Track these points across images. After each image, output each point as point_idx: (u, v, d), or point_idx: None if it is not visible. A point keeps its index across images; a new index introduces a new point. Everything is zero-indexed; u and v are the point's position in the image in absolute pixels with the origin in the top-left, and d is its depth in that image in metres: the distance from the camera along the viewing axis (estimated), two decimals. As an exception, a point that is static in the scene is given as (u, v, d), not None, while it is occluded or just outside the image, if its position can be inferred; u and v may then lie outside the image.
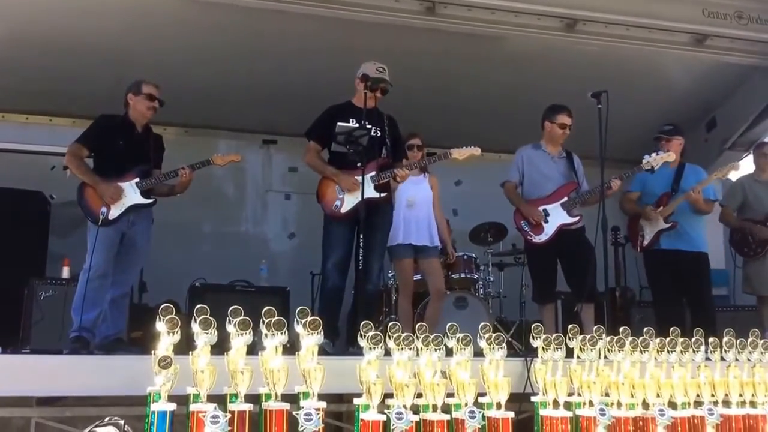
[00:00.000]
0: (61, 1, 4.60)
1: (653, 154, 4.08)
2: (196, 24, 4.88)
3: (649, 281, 4.56)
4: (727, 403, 2.77)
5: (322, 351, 3.12)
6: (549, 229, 4.08)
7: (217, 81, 5.35)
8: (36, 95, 5.47)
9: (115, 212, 3.64)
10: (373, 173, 3.72)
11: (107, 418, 2.22)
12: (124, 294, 3.78)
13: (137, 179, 3.71)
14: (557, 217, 4.09)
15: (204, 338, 2.23)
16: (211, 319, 2.25)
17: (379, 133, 3.78)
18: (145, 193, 3.72)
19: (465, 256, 5.11)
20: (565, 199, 4.12)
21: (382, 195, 3.74)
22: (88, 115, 3.99)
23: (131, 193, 3.69)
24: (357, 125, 3.67)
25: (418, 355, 2.46)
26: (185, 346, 2.30)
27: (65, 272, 4.61)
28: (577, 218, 4.10)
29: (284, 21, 4.82)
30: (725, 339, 2.92)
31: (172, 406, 2.10)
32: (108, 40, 4.92)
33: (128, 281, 3.83)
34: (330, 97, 3.98)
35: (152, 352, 2.16)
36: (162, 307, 2.27)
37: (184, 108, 5.28)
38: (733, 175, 4.74)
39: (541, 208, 4.11)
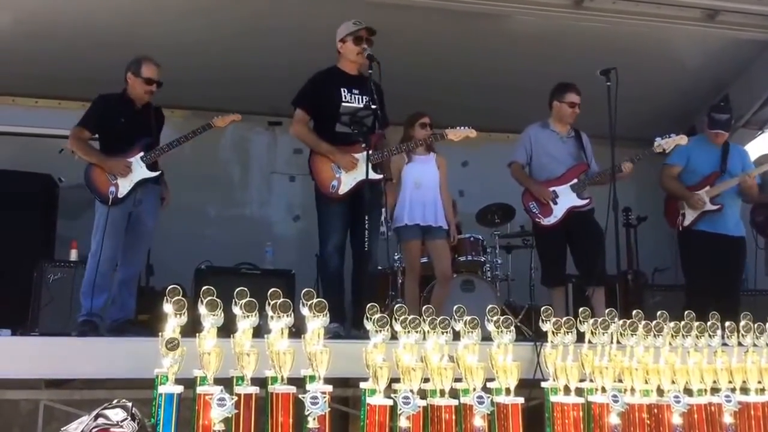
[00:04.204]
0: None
1: (666, 137, 3.97)
2: (203, 7, 4.84)
3: (685, 263, 4.39)
4: (745, 390, 2.70)
5: (336, 335, 3.13)
6: (558, 212, 4.02)
7: (222, 63, 5.30)
8: (45, 79, 5.47)
9: (123, 190, 3.65)
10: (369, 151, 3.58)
11: (115, 401, 2.22)
12: (133, 275, 3.79)
13: (141, 153, 3.73)
14: (567, 199, 4.03)
15: (211, 320, 2.22)
16: (218, 300, 2.24)
17: (372, 105, 3.59)
18: (150, 166, 3.74)
19: (471, 239, 5.05)
20: (575, 180, 4.06)
21: (381, 176, 3.64)
22: (97, 98, 4.01)
23: (138, 168, 3.71)
24: (361, 106, 3.59)
25: (425, 338, 2.44)
26: (191, 330, 2.29)
27: (73, 255, 4.64)
28: (587, 200, 4.04)
29: (289, 2, 4.76)
30: (742, 323, 2.85)
31: (179, 389, 2.10)
32: (115, 24, 4.90)
33: (137, 261, 3.85)
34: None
35: (159, 334, 2.16)
36: (169, 288, 2.28)
37: (190, 91, 5.25)
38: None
39: (550, 190, 4.05)
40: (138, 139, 3.75)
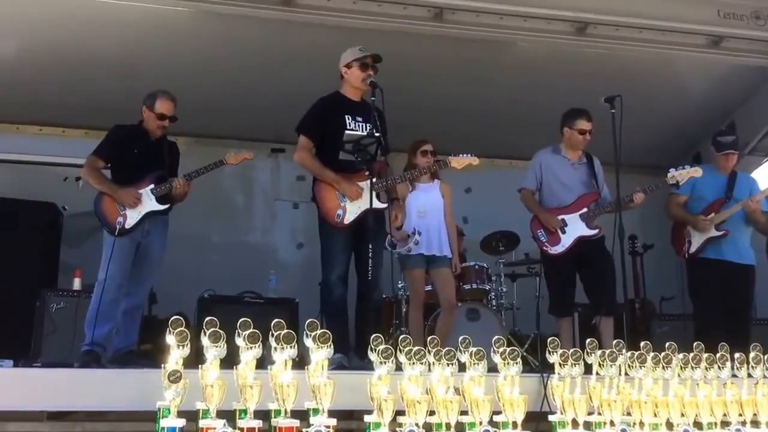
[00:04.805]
0: (73, 13, 4.62)
1: (680, 168, 3.96)
2: (206, 35, 4.89)
3: (692, 291, 4.38)
4: (756, 423, 2.64)
5: (340, 366, 3.08)
6: (566, 241, 3.99)
7: (226, 90, 5.35)
8: (49, 107, 5.51)
9: (131, 221, 3.66)
10: (373, 180, 3.55)
11: (117, 435, 2.19)
12: (137, 305, 3.78)
13: (152, 185, 3.74)
14: (575, 228, 3.99)
15: (213, 352, 2.19)
16: (221, 332, 2.22)
17: (376, 133, 3.56)
18: (160, 199, 3.74)
19: (476, 266, 5.00)
20: (585, 210, 4.02)
21: (385, 205, 3.61)
22: (100, 126, 4.06)
23: (147, 200, 3.72)
24: (365, 134, 3.59)
25: (430, 370, 2.40)
26: (194, 359, 2.26)
27: (76, 284, 4.62)
28: (596, 231, 3.99)
29: (293, 30, 4.80)
30: (752, 354, 2.80)
31: (181, 422, 2.06)
32: (119, 52, 4.95)
33: (142, 292, 3.84)
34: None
35: (162, 365, 2.13)
36: (172, 319, 2.25)
37: (194, 118, 5.26)
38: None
39: (559, 218, 4.02)
40: (150, 171, 3.77)
